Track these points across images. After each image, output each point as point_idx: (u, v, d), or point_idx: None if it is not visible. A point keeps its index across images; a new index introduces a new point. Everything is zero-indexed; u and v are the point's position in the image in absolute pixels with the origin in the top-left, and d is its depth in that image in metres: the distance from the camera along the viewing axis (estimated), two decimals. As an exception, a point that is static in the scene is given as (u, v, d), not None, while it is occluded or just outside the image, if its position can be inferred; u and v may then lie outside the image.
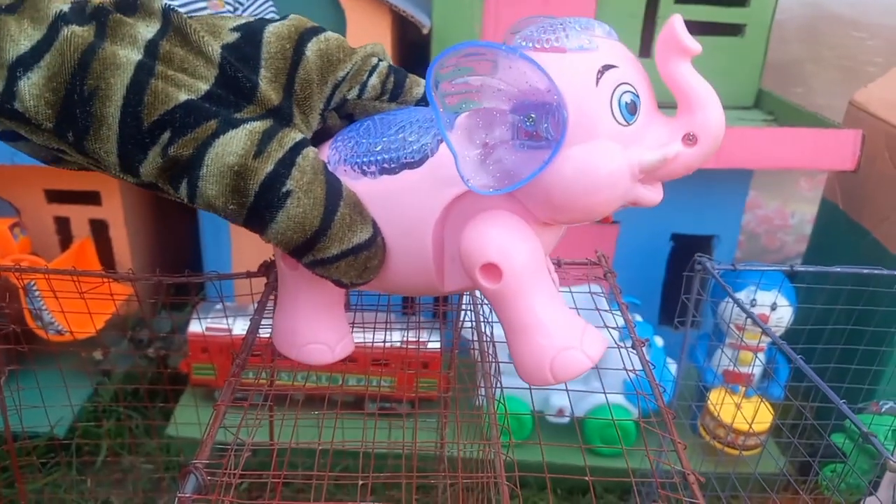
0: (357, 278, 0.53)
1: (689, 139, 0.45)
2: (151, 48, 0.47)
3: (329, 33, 0.53)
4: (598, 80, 0.43)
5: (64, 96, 0.45)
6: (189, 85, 0.47)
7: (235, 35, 0.50)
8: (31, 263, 1.14)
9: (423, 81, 0.57)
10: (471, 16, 1.24)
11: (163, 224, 1.50)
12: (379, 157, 0.50)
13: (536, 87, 0.42)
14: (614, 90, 0.43)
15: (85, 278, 0.85)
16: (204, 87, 0.48)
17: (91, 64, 0.45)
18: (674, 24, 0.43)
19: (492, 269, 0.47)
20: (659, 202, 0.46)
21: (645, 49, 1.34)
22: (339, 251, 0.50)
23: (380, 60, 0.56)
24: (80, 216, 1.31)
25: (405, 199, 0.50)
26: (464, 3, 1.23)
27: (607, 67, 0.44)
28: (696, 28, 1.34)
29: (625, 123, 0.44)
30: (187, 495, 0.50)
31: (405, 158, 0.50)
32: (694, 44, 0.44)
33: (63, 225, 1.32)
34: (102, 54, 0.45)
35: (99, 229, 1.32)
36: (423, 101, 0.57)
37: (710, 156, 0.45)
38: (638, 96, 0.44)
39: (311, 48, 0.51)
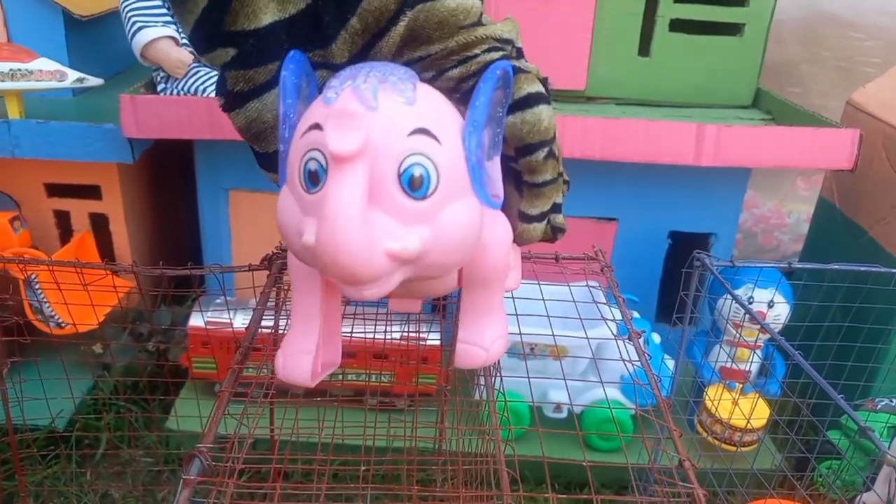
0: None
1: None
2: None
3: (450, 0, 0.48)
4: (304, 134, 0.41)
5: None
6: (281, 2, 0.48)
7: None
8: (32, 257, 1.15)
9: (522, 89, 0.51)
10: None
11: (162, 218, 1.50)
12: None
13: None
14: (305, 153, 0.40)
15: (87, 270, 0.85)
16: (292, 10, 0.48)
17: None
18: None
19: None
20: (358, 299, 0.42)
21: (644, 49, 1.35)
22: None
23: (487, 51, 0.50)
24: (80, 210, 1.32)
25: None
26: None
27: (315, 127, 0.40)
28: (695, 27, 1.36)
29: (305, 189, 0.40)
30: (192, 477, 0.50)
31: None
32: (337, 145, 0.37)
33: (63, 219, 1.32)
34: None
35: (99, 223, 1.33)
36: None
37: (332, 272, 0.39)
38: (325, 170, 0.39)
39: (409, 16, 0.48)
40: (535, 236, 0.56)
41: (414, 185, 0.39)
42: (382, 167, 0.39)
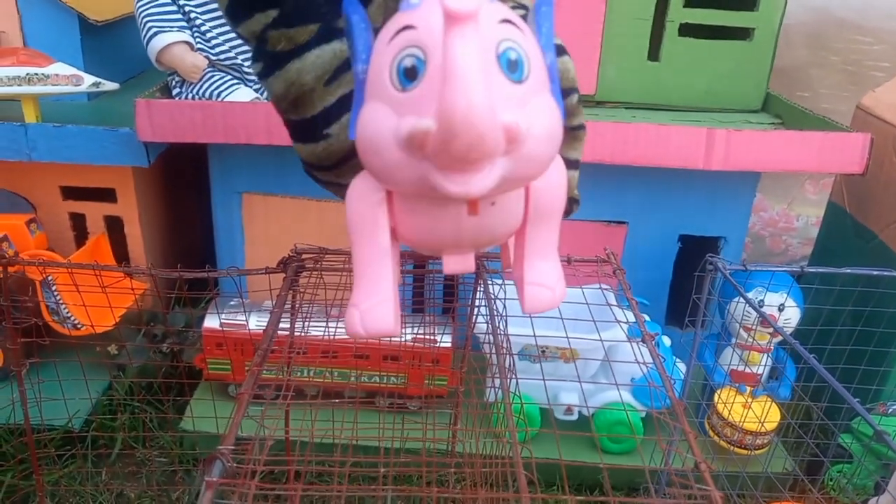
0: None
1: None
2: None
3: None
4: (391, 39, 0.40)
5: None
6: None
7: None
8: (49, 259, 1.16)
9: None
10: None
11: (176, 221, 1.51)
12: None
13: None
14: (399, 52, 0.39)
15: (104, 272, 0.86)
16: None
17: None
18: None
19: None
20: (458, 196, 0.39)
21: (653, 53, 1.36)
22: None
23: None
24: (95, 213, 1.33)
25: None
26: None
27: (406, 28, 0.39)
28: (704, 32, 1.36)
29: (399, 88, 0.39)
30: (214, 479, 0.51)
31: None
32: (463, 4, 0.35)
33: (78, 221, 1.34)
34: None
35: (114, 225, 1.34)
36: None
37: (453, 142, 0.36)
38: (424, 62, 0.38)
39: None
40: (574, 186, 0.58)
41: (512, 67, 0.39)
42: (488, 43, 0.38)
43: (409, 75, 0.39)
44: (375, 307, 0.48)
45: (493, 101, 0.37)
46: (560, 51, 0.53)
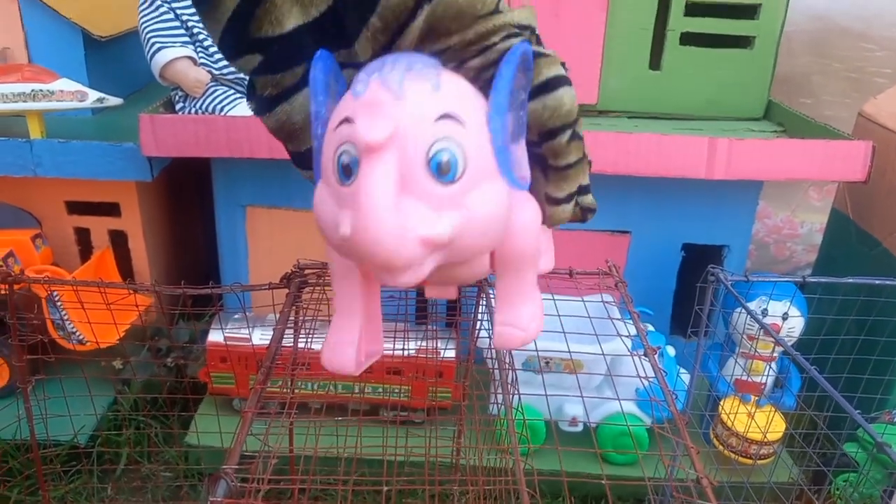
0: None
1: None
2: None
3: None
4: (336, 127, 0.42)
5: None
6: (304, 6, 0.49)
7: None
8: (53, 274, 1.17)
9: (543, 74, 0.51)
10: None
11: (179, 234, 1.52)
12: None
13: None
14: (339, 145, 0.41)
15: (109, 289, 0.87)
16: (314, 13, 0.49)
17: None
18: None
19: None
20: (395, 286, 0.42)
21: (654, 62, 1.36)
22: None
23: (505, 38, 0.51)
24: (99, 227, 1.34)
25: None
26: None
27: (347, 120, 0.41)
28: (706, 41, 1.37)
29: (339, 181, 0.41)
30: (219, 499, 0.51)
31: None
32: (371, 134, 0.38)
33: (83, 236, 1.34)
34: None
35: (118, 240, 1.35)
36: None
37: (370, 260, 0.40)
38: (357, 161, 0.39)
39: (427, 10, 0.49)
40: (563, 218, 0.57)
41: (442, 170, 0.40)
42: (412, 154, 0.40)
43: (346, 172, 0.40)
44: (338, 346, 0.52)
45: (404, 222, 0.39)
46: (554, 84, 0.50)
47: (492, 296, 0.80)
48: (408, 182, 0.39)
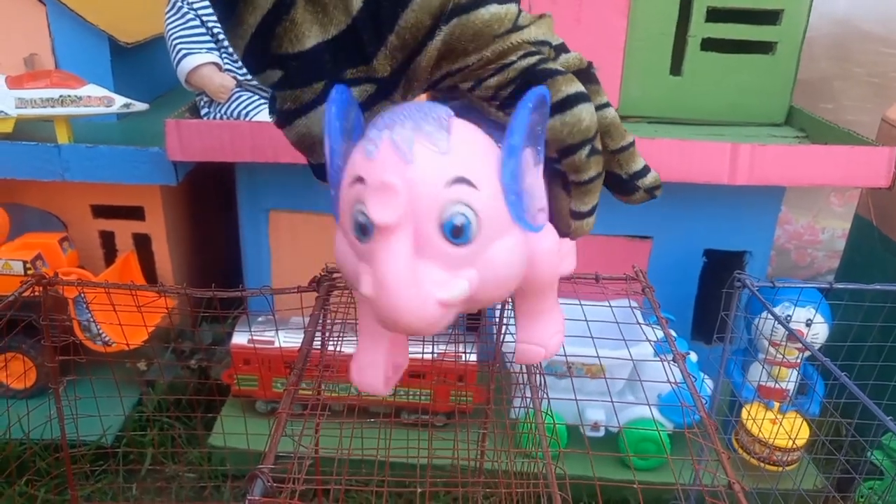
0: None
1: None
2: None
3: (484, 11, 0.49)
4: (351, 184, 0.43)
5: None
6: (324, 25, 0.50)
7: None
8: (79, 276, 1.18)
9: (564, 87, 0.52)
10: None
11: (202, 237, 1.53)
12: None
13: None
14: (354, 203, 0.42)
15: (138, 291, 0.88)
16: (334, 31, 0.50)
17: None
18: None
19: None
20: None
21: (675, 68, 1.36)
22: None
23: (522, 57, 0.51)
24: (124, 230, 1.35)
25: None
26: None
27: (360, 179, 0.42)
28: (727, 46, 1.36)
29: (356, 237, 0.43)
30: (256, 498, 0.52)
31: None
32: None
33: (108, 239, 1.36)
34: None
35: (142, 243, 1.36)
36: None
37: (394, 328, 0.43)
38: (371, 223, 0.40)
39: (445, 30, 0.49)
40: (587, 230, 0.58)
41: (456, 234, 0.41)
42: (426, 220, 0.41)
43: (363, 230, 0.42)
44: (368, 369, 0.54)
45: (421, 288, 0.40)
46: (572, 101, 0.51)
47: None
48: (423, 246, 0.41)
